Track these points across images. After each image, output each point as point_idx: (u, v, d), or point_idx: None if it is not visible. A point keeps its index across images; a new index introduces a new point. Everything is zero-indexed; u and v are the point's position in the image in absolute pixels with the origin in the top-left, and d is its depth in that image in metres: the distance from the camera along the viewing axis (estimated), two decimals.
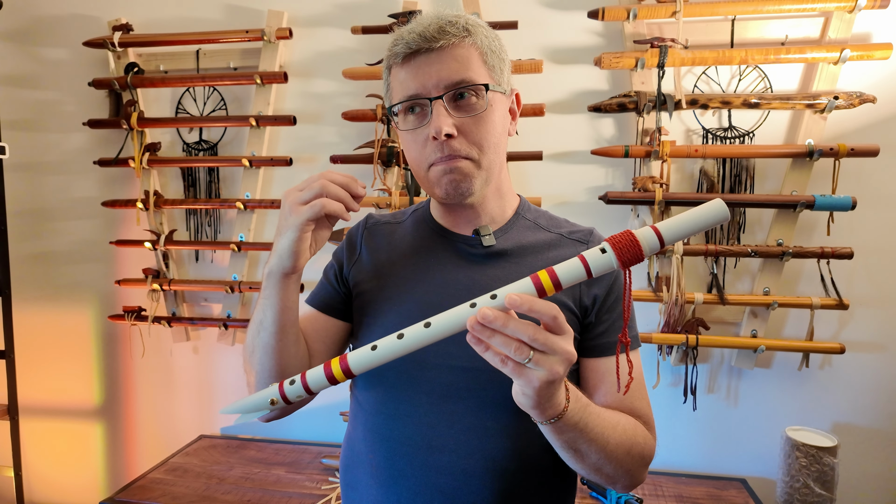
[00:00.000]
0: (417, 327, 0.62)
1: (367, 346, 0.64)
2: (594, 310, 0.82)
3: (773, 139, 1.63)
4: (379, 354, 0.63)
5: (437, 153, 0.77)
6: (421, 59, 0.76)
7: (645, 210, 1.67)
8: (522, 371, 0.59)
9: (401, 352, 0.63)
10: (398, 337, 0.62)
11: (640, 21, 1.60)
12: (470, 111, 0.77)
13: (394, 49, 0.78)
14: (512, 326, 0.57)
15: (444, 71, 0.75)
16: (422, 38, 0.75)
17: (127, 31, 1.87)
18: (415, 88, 0.76)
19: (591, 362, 0.82)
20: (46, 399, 2.14)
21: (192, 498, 1.57)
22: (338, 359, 0.66)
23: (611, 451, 0.72)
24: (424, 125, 0.77)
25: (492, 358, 0.59)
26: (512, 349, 0.58)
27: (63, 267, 2.08)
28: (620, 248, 0.58)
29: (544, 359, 0.58)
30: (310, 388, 0.67)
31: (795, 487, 1.50)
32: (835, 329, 1.65)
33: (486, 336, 0.58)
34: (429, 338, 0.61)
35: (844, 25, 1.53)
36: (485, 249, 0.83)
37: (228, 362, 2.02)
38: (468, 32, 0.77)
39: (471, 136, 0.77)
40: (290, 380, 0.68)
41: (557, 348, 0.58)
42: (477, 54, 0.78)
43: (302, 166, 1.88)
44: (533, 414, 0.64)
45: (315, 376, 0.66)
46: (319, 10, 1.82)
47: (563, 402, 0.64)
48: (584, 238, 0.86)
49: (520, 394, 0.62)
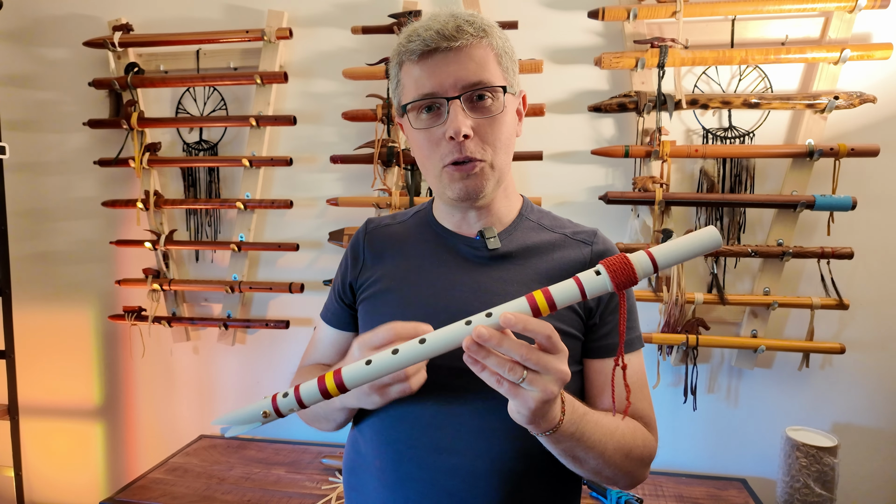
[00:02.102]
0: (412, 343, 0.63)
1: (362, 361, 0.64)
2: (598, 311, 0.82)
3: (774, 139, 1.63)
4: (373, 369, 0.64)
5: (454, 154, 0.76)
6: (438, 57, 0.75)
7: (645, 210, 1.67)
8: (517, 391, 0.60)
9: (395, 367, 0.63)
10: (392, 352, 0.63)
11: (641, 21, 1.60)
12: (486, 113, 0.77)
13: (408, 45, 0.77)
14: (506, 346, 0.58)
15: (461, 71, 0.75)
16: (440, 36, 0.74)
17: (127, 31, 1.87)
18: (431, 87, 0.76)
19: (596, 363, 0.82)
20: (46, 399, 2.14)
21: (192, 498, 1.57)
22: (332, 373, 0.65)
23: (609, 456, 0.72)
24: (439, 124, 0.77)
25: (488, 378, 0.60)
26: (506, 369, 0.59)
27: (63, 267, 2.08)
28: (615, 270, 0.59)
29: (538, 378, 0.59)
30: (303, 402, 0.67)
31: (795, 487, 1.50)
32: (835, 329, 1.65)
33: (481, 356, 0.59)
34: (423, 354, 0.62)
35: (844, 25, 1.53)
36: (489, 252, 0.83)
37: (228, 362, 2.02)
38: (485, 33, 0.77)
39: (486, 137, 0.77)
40: (283, 392, 0.68)
41: (551, 368, 0.59)
42: (493, 56, 0.78)
43: (302, 166, 1.88)
44: (529, 428, 0.65)
45: (308, 390, 0.66)
46: (319, 10, 1.82)
47: (559, 415, 0.65)
48: (588, 239, 0.86)
49: (515, 412, 0.63)
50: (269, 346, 1.98)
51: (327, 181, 1.88)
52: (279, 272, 1.95)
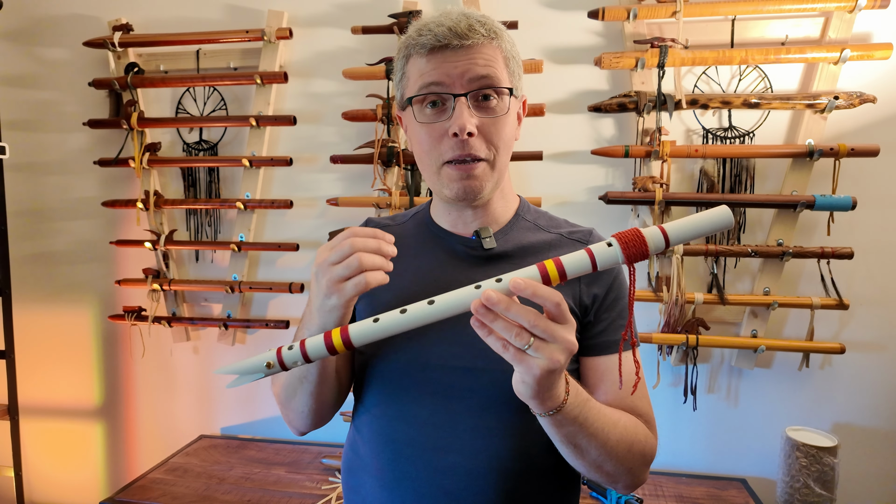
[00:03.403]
0: (421, 304, 0.63)
1: (370, 319, 0.64)
2: (594, 308, 0.82)
3: (774, 139, 1.63)
4: (380, 327, 0.63)
5: (455, 150, 0.76)
6: (448, 53, 0.75)
7: (645, 210, 1.67)
8: (523, 357, 0.59)
9: (403, 327, 0.63)
10: (401, 312, 0.63)
11: (641, 21, 1.60)
12: (491, 112, 0.77)
13: (419, 39, 0.76)
14: (514, 311, 0.58)
15: (471, 68, 0.75)
16: (452, 33, 0.74)
17: (127, 31, 1.87)
18: (438, 78, 0.76)
19: (591, 361, 0.82)
20: (46, 399, 2.14)
21: (192, 498, 1.57)
22: (339, 329, 0.65)
23: (611, 447, 0.72)
24: (443, 120, 0.77)
25: (494, 343, 0.60)
26: (513, 334, 0.58)
27: (63, 267, 2.08)
28: (626, 243, 0.59)
29: (544, 346, 0.58)
30: (308, 356, 0.66)
31: (795, 487, 1.50)
32: (835, 329, 1.65)
33: (488, 320, 0.58)
34: (431, 315, 0.62)
35: (844, 25, 1.53)
36: (485, 251, 0.83)
37: (228, 362, 2.01)
38: (496, 35, 0.78)
39: (489, 136, 0.77)
40: (288, 345, 0.67)
41: (558, 336, 0.58)
42: (501, 58, 0.78)
43: (302, 166, 1.88)
44: (532, 404, 0.64)
45: (315, 344, 0.65)
46: (319, 10, 1.82)
47: (563, 394, 0.64)
48: (583, 238, 0.87)
49: (519, 382, 0.62)
50: (269, 346, 1.98)
51: (327, 181, 1.88)
52: (279, 272, 1.95)
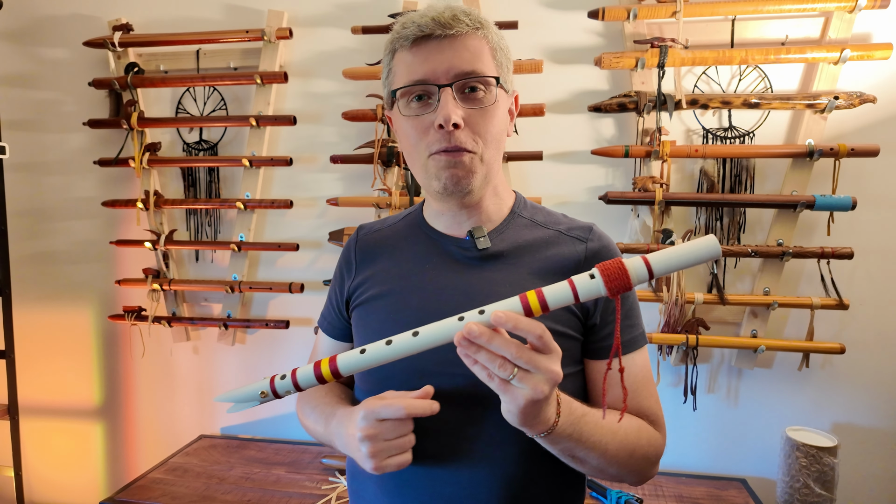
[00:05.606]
0: (406, 336, 0.64)
1: (357, 350, 0.66)
2: (597, 311, 0.80)
3: (774, 139, 1.63)
4: (367, 358, 0.65)
5: (442, 143, 0.75)
6: (432, 44, 0.74)
7: (645, 210, 1.67)
8: (507, 387, 0.60)
9: (388, 358, 0.65)
10: (386, 343, 0.64)
11: (641, 21, 1.60)
12: (477, 104, 0.76)
13: (402, 32, 0.76)
14: (496, 343, 0.58)
15: (455, 59, 0.74)
16: (435, 23, 0.73)
17: (127, 31, 1.87)
18: (423, 73, 0.74)
19: (598, 364, 0.81)
20: (46, 399, 2.14)
21: (192, 498, 1.57)
22: (328, 359, 0.68)
23: (611, 455, 0.72)
24: (429, 112, 0.75)
25: (479, 372, 0.60)
26: (496, 365, 0.58)
27: (63, 267, 2.08)
28: (609, 275, 0.59)
29: (528, 377, 0.59)
30: (299, 386, 0.69)
31: (795, 487, 1.50)
32: (835, 329, 1.65)
33: (472, 351, 0.59)
34: (416, 347, 0.63)
35: (844, 25, 1.53)
36: (479, 252, 0.81)
37: (228, 362, 2.02)
38: (481, 25, 0.77)
39: (476, 128, 0.75)
40: (281, 374, 0.70)
41: (541, 367, 0.58)
42: (488, 48, 0.77)
43: (302, 166, 1.88)
44: (522, 429, 0.65)
45: (305, 375, 0.69)
46: (319, 10, 1.82)
47: (553, 417, 0.65)
48: (583, 235, 0.84)
49: (506, 410, 0.63)
50: (269, 346, 1.98)
51: (327, 181, 1.88)
52: (279, 272, 1.95)
